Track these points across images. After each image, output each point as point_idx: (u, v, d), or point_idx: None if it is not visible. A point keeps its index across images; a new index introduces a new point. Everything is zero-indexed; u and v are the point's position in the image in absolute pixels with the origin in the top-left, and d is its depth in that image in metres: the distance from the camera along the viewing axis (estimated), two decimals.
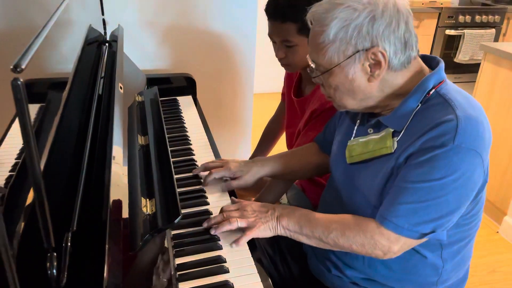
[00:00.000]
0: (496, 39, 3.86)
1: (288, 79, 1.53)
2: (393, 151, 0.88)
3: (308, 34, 1.21)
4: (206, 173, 1.17)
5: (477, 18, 3.80)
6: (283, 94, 1.64)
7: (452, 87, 0.88)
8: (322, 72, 0.90)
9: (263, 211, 0.96)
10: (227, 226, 0.93)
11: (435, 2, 3.72)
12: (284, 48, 1.26)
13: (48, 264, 0.44)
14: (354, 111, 0.99)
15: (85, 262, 0.55)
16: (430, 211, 0.82)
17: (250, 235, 0.92)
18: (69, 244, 0.52)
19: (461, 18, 3.77)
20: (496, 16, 3.83)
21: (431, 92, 0.86)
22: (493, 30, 3.81)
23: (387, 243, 0.86)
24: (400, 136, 0.88)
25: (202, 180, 1.16)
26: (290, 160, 1.21)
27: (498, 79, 2.20)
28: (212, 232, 0.94)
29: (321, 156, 1.20)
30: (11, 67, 0.36)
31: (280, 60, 1.30)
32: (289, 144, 1.54)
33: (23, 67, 0.37)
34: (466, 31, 3.74)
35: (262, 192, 1.35)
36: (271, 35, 1.27)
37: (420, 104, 0.86)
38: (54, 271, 0.45)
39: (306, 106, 1.36)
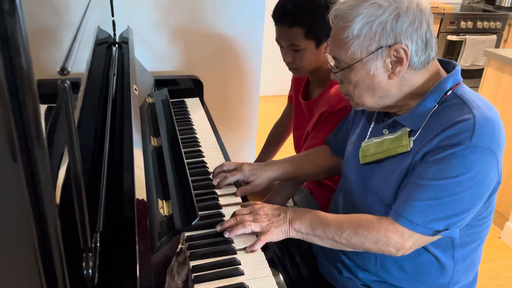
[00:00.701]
0: (497, 45, 3.89)
1: (295, 82, 1.54)
2: (409, 149, 0.89)
3: (315, 38, 1.24)
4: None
5: (479, 24, 3.82)
6: (290, 97, 1.65)
7: (468, 89, 0.90)
8: (343, 68, 0.91)
9: (275, 214, 0.96)
10: (241, 229, 0.94)
11: (437, 7, 3.73)
12: (291, 53, 1.28)
13: (84, 264, 0.45)
14: (371, 110, 1.00)
15: (116, 263, 0.55)
16: (445, 209, 0.83)
17: (264, 240, 0.93)
18: (98, 244, 0.53)
19: (462, 24, 3.79)
20: (498, 23, 3.86)
21: (448, 93, 0.88)
22: (495, 36, 3.84)
23: (400, 239, 0.86)
24: (416, 135, 0.89)
25: (213, 182, 1.17)
26: (303, 163, 1.21)
27: (502, 85, 2.22)
28: (226, 235, 0.94)
29: (334, 159, 1.21)
30: (58, 69, 0.36)
31: (288, 64, 1.32)
32: (297, 147, 1.55)
33: (69, 69, 0.37)
34: (467, 36, 3.77)
35: (270, 194, 1.36)
36: (278, 40, 1.29)
37: (437, 105, 0.88)
38: (90, 271, 0.45)
39: (314, 109, 1.37)
